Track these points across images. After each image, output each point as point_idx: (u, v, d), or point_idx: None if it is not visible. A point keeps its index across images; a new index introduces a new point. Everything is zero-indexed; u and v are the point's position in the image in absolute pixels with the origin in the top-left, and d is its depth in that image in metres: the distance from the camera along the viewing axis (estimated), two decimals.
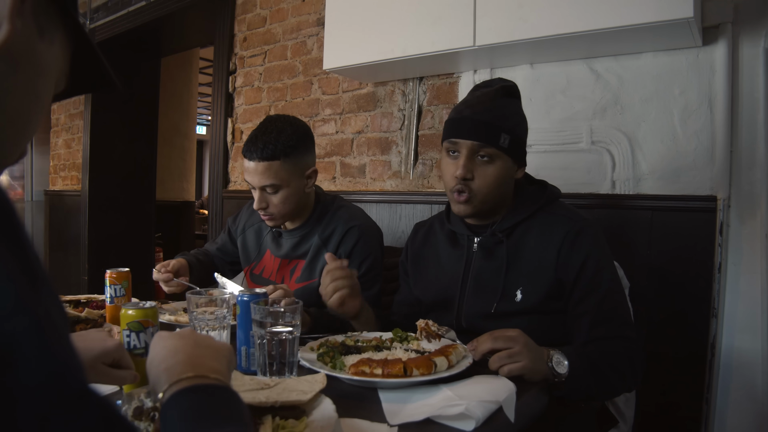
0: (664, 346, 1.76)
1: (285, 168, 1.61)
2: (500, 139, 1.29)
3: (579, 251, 1.29)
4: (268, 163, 1.59)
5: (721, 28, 1.68)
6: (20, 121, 0.53)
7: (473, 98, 1.36)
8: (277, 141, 1.59)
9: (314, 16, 2.80)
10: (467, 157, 1.31)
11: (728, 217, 1.70)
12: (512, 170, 1.36)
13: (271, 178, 1.60)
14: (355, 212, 1.79)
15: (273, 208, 1.65)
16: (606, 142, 1.90)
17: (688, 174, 1.75)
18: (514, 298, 1.32)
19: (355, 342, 1.22)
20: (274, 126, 1.63)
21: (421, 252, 1.57)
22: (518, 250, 1.36)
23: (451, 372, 1.04)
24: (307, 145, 1.69)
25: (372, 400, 0.98)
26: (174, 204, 5.33)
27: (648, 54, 1.81)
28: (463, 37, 1.89)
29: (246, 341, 1.15)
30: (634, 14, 1.57)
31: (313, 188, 1.74)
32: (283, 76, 2.97)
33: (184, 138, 5.47)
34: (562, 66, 1.98)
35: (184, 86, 5.41)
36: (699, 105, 1.73)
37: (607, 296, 1.28)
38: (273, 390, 0.89)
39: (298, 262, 1.76)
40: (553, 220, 1.35)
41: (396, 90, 2.49)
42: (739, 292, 1.69)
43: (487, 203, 1.35)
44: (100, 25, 4.12)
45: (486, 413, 0.88)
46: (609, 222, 1.87)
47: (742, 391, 1.69)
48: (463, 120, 1.33)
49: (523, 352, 1.09)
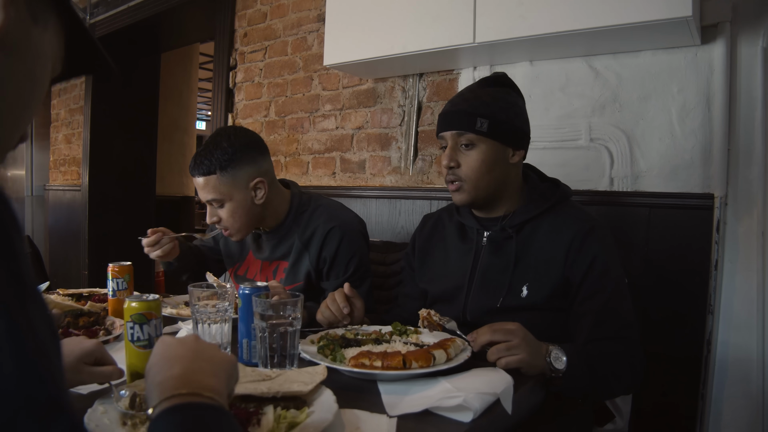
0: (660, 342, 1.77)
1: (223, 182, 1.58)
2: (476, 124, 1.33)
3: (588, 251, 1.31)
4: (206, 179, 1.59)
5: (720, 27, 1.69)
6: (19, 106, 0.54)
7: (457, 94, 1.43)
8: (212, 156, 1.57)
9: (315, 12, 2.80)
10: (451, 147, 1.38)
11: (725, 215, 1.71)
12: (502, 153, 1.38)
13: (211, 193, 1.60)
14: (334, 211, 1.75)
15: (225, 222, 1.64)
16: (604, 140, 1.91)
17: (686, 172, 1.76)
18: (520, 293, 1.34)
19: (355, 335, 1.24)
20: (213, 140, 1.61)
21: (428, 243, 1.58)
22: (527, 247, 1.37)
23: (449, 365, 1.05)
24: (249, 157, 1.62)
25: (372, 392, 1.00)
26: (174, 199, 5.34)
27: (647, 52, 1.82)
28: (463, 34, 1.90)
29: (247, 334, 1.16)
30: (633, 12, 1.58)
31: (279, 192, 1.71)
32: (283, 71, 2.98)
33: (183, 133, 5.47)
34: (562, 63, 1.99)
35: (184, 81, 5.41)
36: (697, 103, 1.74)
37: (612, 297, 1.29)
38: (274, 381, 0.90)
39: (279, 263, 1.75)
40: (563, 218, 1.36)
41: (396, 86, 2.50)
42: (735, 289, 1.71)
43: (480, 189, 1.38)
44: (100, 21, 4.12)
45: (484, 405, 0.89)
46: (607, 219, 1.87)
47: (737, 387, 1.70)
48: (444, 115, 1.41)
49: (521, 346, 1.10)
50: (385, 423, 0.84)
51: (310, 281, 1.70)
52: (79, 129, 4.61)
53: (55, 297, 1.57)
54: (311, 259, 1.68)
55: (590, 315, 1.28)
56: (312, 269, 1.69)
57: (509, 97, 1.40)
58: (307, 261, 1.69)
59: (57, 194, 4.99)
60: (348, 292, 1.37)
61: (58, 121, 5.01)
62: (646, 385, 1.75)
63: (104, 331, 1.30)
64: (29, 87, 0.55)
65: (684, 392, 1.76)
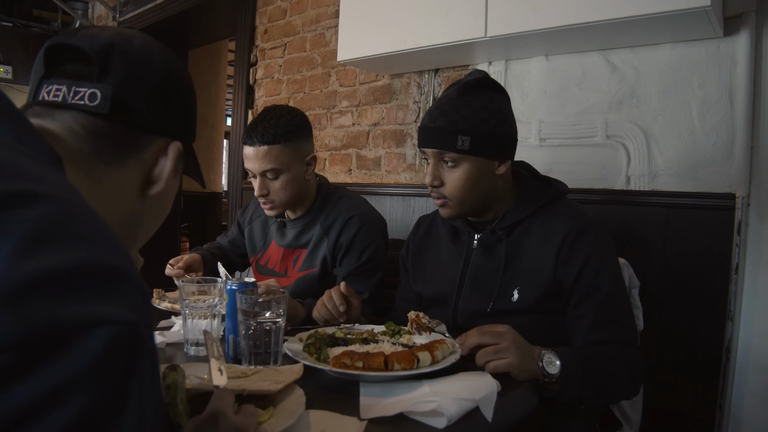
0: (676, 348, 1.70)
1: (285, 152, 1.62)
2: (458, 143, 1.26)
3: (579, 252, 1.25)
4: (269, 147, 1.60)
5: (744, 17, 1.60)
6: (158, 224, 0.74)
7: (436, 103, 1.33)
8: (276, 126, 1.61)
9: (332, 8, 2.79)
10: (433, 165, 1.32)
11: (747, 216, 1.62)
12: (487, 167, 1.30)
13: (271, 162, 1.61)
14: (357, 202, 1.78)
15: (274, 195, 1.65)
16: (621, 137, 1.84)
17: (706, 170, 1.68)
18: (510, 297, 1.29)
19: (345, 334, 1.21)
20: (273, 113, 1.64)
21: (422, 246, 1.55)
22: (518, 249, 1.32)
23: (434, 368, 1.02)
24: (306, 132, 1.70)
25: (353, 393, 0.97)
26: (201, 195, 5.42)
27: (666, 45, 1.74)
28: (474, 28, 1.86)
29: (234, 330, 1.15)
30: (650, 3, 1.51)
31: (313, 176, 1.75)
32: (302, 68, 2.97)
33: (211, 129, 5.55)
34: (578, 58, 1.93)
35: (213, 78, 5.48)
36: (719, 98, 1.66)
37: (608, 299, 1.23)
38: (248, 379, 0.88)
39: (300, 252, 1.76)
40: (555, 219, 1.30)
41: (412, 82, 2.47)
42: (756, 294, 1.62)
43: (466, 204, 1.33)
44: (129, 18, 4.20)
45: (461, 411, 0.86)
46: (623, 219, 1.81)
47: (758, 398, 1.62)
48: (423, 129, 1.33)
49: (511, 349, 1.06)
50: (354, 426, 0.81)
51: (326, 267, 1.72)
52: None
53: None
54: (329, 245, 1.70)
55: (586, 318, 1.22)
56: (329, 254, 1.71)
57: (491, 104, 1.29)
58: (325, 246, 1.71)
59: None
60: (345, 291, 1.34)
61: None
62: (659, 392, 1.69)
63: None
64: (166, 211, 0.74)
65: (701, 401, 1.68)
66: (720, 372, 1.64)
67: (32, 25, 5.12)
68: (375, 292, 1.67)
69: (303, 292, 1.68)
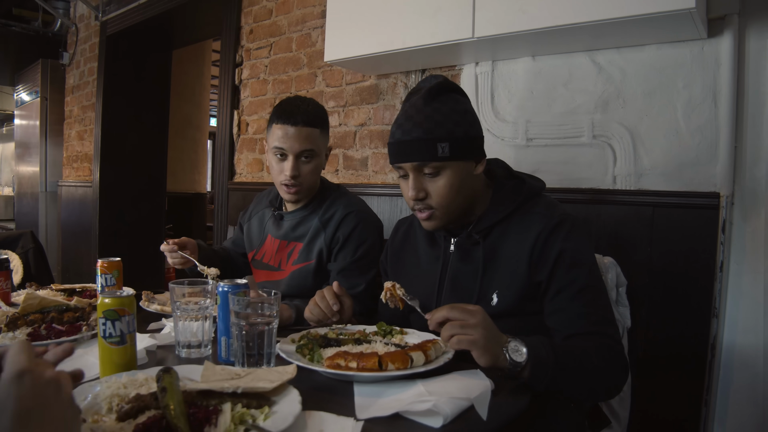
0: (662, 345, 1.72)
1: (321, 138, 1.69)
2: (438, 151, 1.24)
3: (552, 247, 1.24)
4: (311, 129, 1.64)
5: (727, 19, 1.63)
6: None
7: (403, 115, 1.30)
8: (315, 111, 1.66)
9: (318, 8, 2.78)
10: (414, 178, 1.28)
11: (731, 215, 1.65)
12: (467, 169, 1.30)
13: (311, 144, 1.64)
14: (357, 201, 1.81)
15: (303, 178, 1.67)
16: (608, 137, 1.86)
17: (691, 170, 1.71)
18: (490, 302, 1.27)
19: (338, 335, 1.21)
20: (305, 100, 1.69)
21: (401, 249, 1.54)
22: (495, 252, 1.31)
23: (428, 367, 1.02)
24: (328, 126, 1.78)
25: (347, 393, 0.97)
26: (185, 196, 5.37)
27: (651, 46, 1.77)
28: (462, 28, 1.87)
29: (226, 332, 1.14)
30: (635, 5, 1.53)
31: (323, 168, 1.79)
32: (288, 68, 2.96)
33: (195, 130, 5.51)
34: (564, 58, 1.94)
35: (197, 78, 5.44)
36: (703, 99, 1.68)
37: (584, 291, 1.21)
38: (242, 380, 0.88)
39: (296, 245, 1.76)
40: (529, 218, 1.29)
41: (398, 82, 2.47)
42: (741, 291, 1.65)
43: (452, 212, 1.31)
44: (111, 18, 4.15)
45: (456, 410, 0.86)
46: (609, 218, 1.83)
47: (743, 394, 1.65)
48: (397, 144, 1.28)
49: (477, 327, 1.03)
50: (351, 426, 0.81)
51: (322, 261, 1.72)
52: (91, 126, 4.66)
53: (47, 292, 1.57)
54: (326, 239, 1.71)
55: (561, 312, 1.21)
56: (325, 248, 1.72)
57: (458, 106, 1.28)
58: (322, 240, 1.72)
59: (69, 190, 5.04)
60: (337, 291, 1.34)
61: (71, 118, 5.07)
62: (646, 389, 1.70)
63: (87, 327, 1.29)
64: None
65: (687, 397, 1.70)
66: (705, 369, 1.67)
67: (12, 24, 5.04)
68: (366, 291, 1.68)
69: (298, 286, 1.68)
